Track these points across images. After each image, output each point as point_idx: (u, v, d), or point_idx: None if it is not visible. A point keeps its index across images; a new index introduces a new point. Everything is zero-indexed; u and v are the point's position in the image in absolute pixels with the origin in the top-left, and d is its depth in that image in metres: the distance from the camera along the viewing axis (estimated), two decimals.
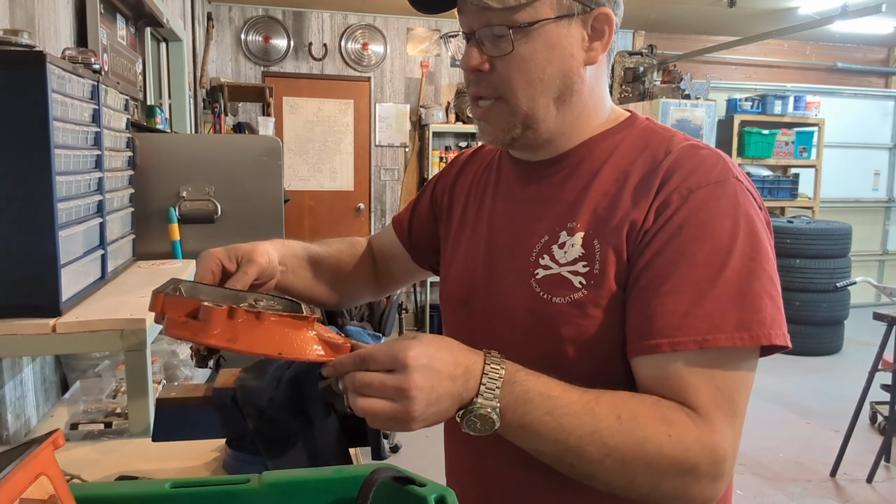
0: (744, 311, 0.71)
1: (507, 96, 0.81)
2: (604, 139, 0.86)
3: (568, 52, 0.80)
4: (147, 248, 1.88)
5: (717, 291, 0.72)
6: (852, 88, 7.08)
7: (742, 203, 0.76)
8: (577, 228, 0.82)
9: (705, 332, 0.71)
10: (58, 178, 1.14)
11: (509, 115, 0.82)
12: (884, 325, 3.37)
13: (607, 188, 0.82)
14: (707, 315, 0.71)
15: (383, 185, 6.11)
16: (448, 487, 0.66)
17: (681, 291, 0.72)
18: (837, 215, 6.65)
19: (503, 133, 0.84)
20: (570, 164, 0.86)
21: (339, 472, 0.72)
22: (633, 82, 5.96)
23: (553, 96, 0.81)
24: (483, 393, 0.67)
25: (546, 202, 0.87)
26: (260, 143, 2.09)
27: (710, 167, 0.77)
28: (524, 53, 0.78)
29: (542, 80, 0.80)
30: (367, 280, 1.15)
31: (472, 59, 0.81)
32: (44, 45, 1.64)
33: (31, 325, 1.13)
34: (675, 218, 0.75)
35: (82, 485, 0.80)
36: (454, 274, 0.98)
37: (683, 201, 0.75)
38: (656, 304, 0.73)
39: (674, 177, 0.77)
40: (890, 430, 3.39)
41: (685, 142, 0.82)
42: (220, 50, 5.56)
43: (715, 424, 0.70)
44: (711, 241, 0.73)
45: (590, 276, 0.79)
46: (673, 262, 0.74)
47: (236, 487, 0.70)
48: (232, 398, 0.97)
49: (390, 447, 3.55)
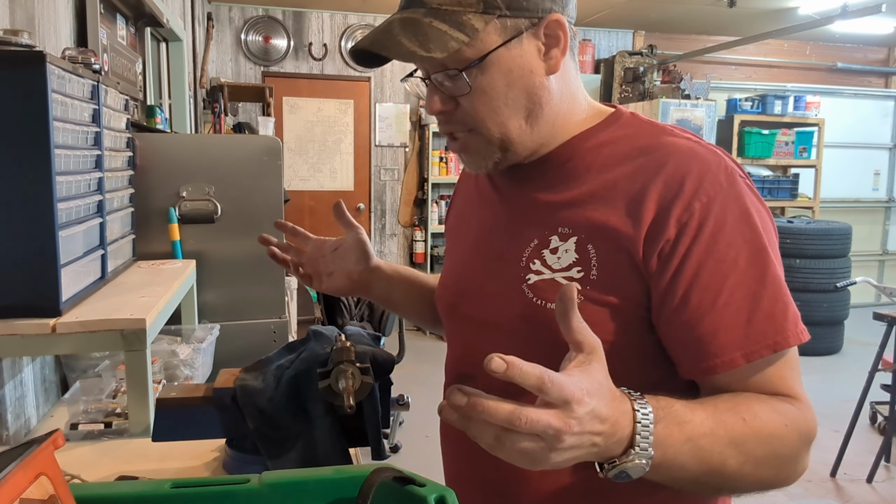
0: (792, 304, 0.74)
1: (479, 128, 0.80)
2: (587, 138, 0.84)
3: (527, 70, 0.78)
4: (147, 248, 1.88)
5: (769, 291, 0.73)
6: (852, 88, 7.08)
7: (752, 198, 0.76)
8: (569, 233, 0.80)
9: (773, 335, 0.72)
10: (58, 178, 1.14)
11: (485, 144, 0.81)
12: (884, 325, 3.37)
13: (598, 191, 0.80)
14: (768, 317, 0.72)
15: (383, 185, 6.11)
16: (448, 487, 0.66)
17: (736, 301, 0.72)
18: (837, 215, 6.65)
19: (484, 160, 0.83)
20: (555, 165, 0.85)
21: (339, 472, 0.72)
22: (633, 82, 5.96)
23: (523, 116, 0.80)
24: (639, 443, 0.63)
25: (533, 206, 0.85)
26: (260, 143, 2.09)
27: (716, 169, 0.76)
28: (483, 86, 0.77)
29: (508, 104, 0.79)
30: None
31: (434, 105, 0.80)
32: (44, 45, 1.64)
33: (31, 325, 1.13)
34: (705, 228, 0.73)
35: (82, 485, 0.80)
36: (444, 279, 0.99)
37: (707, 210, 0.73)
38: (714, 319, 0.72)
39: (686, 184, 0.74)
40: (890, 430, 3.39)
41: (678, 140, 0.80)
42: (220, 50, 5.56)
43: (804, 402, 0.74)
44: (746, 245, 0.73)
45: (586, 282, 0.77)
46: (720, 274, 0.73)
47: (236, 487, 0.70)
48: (232, 398, 0.97)
49: (390, 447, 3.55)
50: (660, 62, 6.11)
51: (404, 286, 1.12)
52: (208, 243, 2.02)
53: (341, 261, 1.09)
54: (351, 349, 0.92)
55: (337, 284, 1.09)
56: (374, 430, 0.96)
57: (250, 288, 2.08)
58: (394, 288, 1.10)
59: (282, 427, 0.96)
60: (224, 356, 1.86)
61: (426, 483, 0.67)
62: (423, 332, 5.80)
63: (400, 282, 1.11)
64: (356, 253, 1.08)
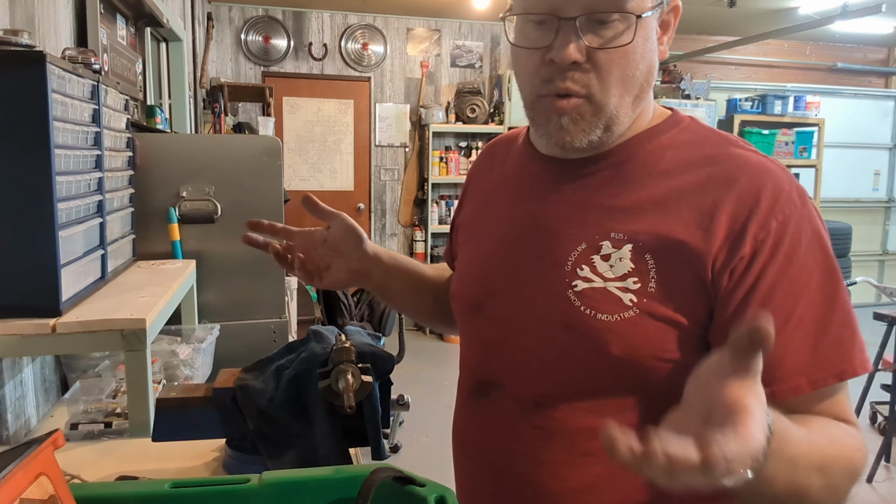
0: (857, 333, 0.71)
1: (598, 94, 0.73)
2: (648, 139, 0.79)
3: (655, 46, 0.75)
4: (147, 248, 1.88)
5: (837, 317, 0.70)
6: (852, 88, 7.08)
7: (820, 221, 0.74)
8: (624, 240, 0.74)
9: (840, 363, 0.69)
10: (58, 178, 1.14)
11: (592, 116, 0.74)
12: (884, 325, 3.37)
13: (660, 199, 0.74)
14: (835, 343, 0.70)
15: (383, 185, 6.10)
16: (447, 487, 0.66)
17: (805, 325, 0.69)
18: (837, 215, 6.66)
19: (583, 134, 0.75)
20: (611, 164, 0.79)
21: (339, 472, 0.72)
22: None
23: (635, 94, 0.75)
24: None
25: (582, 206, 0.79)
26: (260, 143, 2.09)
27: (789, 188, 0.72)
28: (631, 47, 0.72)
29: (635, 76, 0.74)
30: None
31: (570, 52, 0.71)
32: (44, 45, 1.64)
33: (31, 325, 1.13)
34: (781, 247, 0.70)
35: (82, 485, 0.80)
36: (464, 275, 0.92)
37: (783, 229, 0.70)
38: (783, 342, 0.68)
39: (762, 200, 0.71)
40: (890, 430, 3.39)
41: (745, 153, 0.75)
42: (220, 50, 5.56)
43: (860, 430, 0.71)
44: (818, 267, 0.71)
45: (642, 294, 0.72)
46: (793, 296, 0.69)
47: (236, 487, 0.70)
48: (232, 398, 0.97)
49: (390, 447, 3.55)
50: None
51: (401, 276, 1.03)
52: (208, 243, 2.02)
53: (335, 252, 0.97)
54: (351, 349, 0.92)
55: (335, 277, 0.98)
56: (374, 430, 0.96)
57: (250, 288, 2.08)
58: (391, 278, 1.01)
59: (282, 427, 0.96)
60: (224, 356, 1.86)
61: (426, 483, 0.67)
62: (423, 331, 5.80)
63: (397, 271, 1.02)
64: (348, 240, 0.96)
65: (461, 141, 6.09)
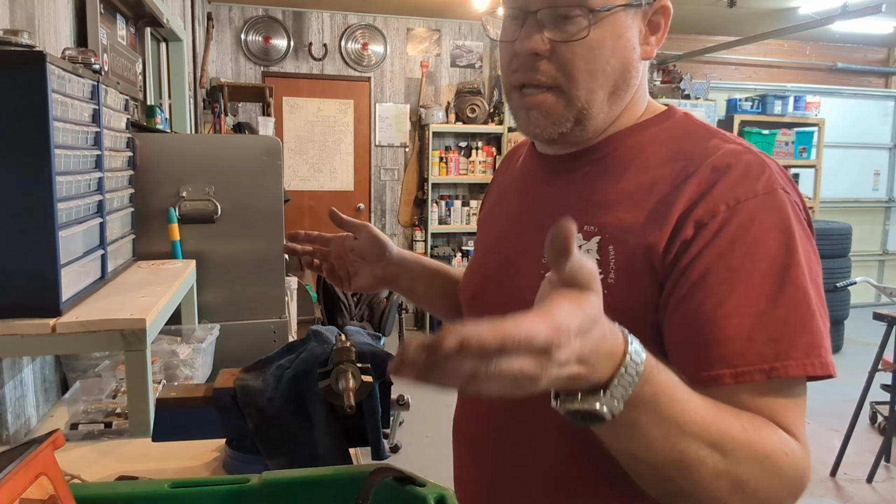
0: (811, 335, 0.66)
1: (566, 86, 0.75)
2: (631, 134, 0.80)
3: (631, 44, 0.76)
4: (147, 248, 1.88)
5: (779, 312, 0.66)
6: (852, 88, 7.09)
7: (791, 216, 0.69)
8: (594, 232, 0.76)
9: (773, 360, 0.64)
10: (58, 178, 1.14)
11: (563, 108, 0.76)
12: (884, 325, 3.37)
13: (631, 191, 0.76)
14: (771, 340, 0.65)
15: (383, 185, 6.11)
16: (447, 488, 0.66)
17: (740, 314, 0.66)
18: (837, 215, 6.65)
19: (553, 127, 0.77)
20: (594, 159, 0.81)
21: (339, 472, 0.72)
22: None
23: (609, 90, 0.76)
24: (613, 389, 0.53)
25: (564, 200, 0.82)
26: (260, 143, 2.09)
27: (755, 176, 0.71)
28: (595, 39, 0.73)
29: (605, 71, 0.75)
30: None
31: (533, 42, 0.74)
32: (44, 45, 1.64)
33: (31, 325, 1.13)
34: (724, 232, 0.68)
35: (82, 485, 0.80)
36: (470, 269, 0.96)
37: (732, 214, 0.68)
38: (713, 329, 0.66)
39: (717, 185, 0.70)
40: (890, 430, 3.39)
41: (725, 144, 0.75)
42: (220, 50, 5.56)
43: (805, 445, 0.65)
44: (767, 259, 0.67)
45: (603, 285, 0.72)
46: (728, 282, 0.67)
47: (236, 487, 0.70)
48: (232, 398, 0.97)
49: (390, 447, 3.55)
50: (659, 62, 6.11)
51: (427, 280, 1.09)
52: (208, 243, 2.02)
53: (362, 260, 1.06)
54: (351, 349, 0.92)
55: (362, 283, 1.06)
56: (374, 430, 0.96)
57: (250, 288, 2.08)
58: (417, 281, 1.08)
59: (282, 427, 0.96)
60: (224, 356, 1.86)
61: (426, 483, 0.67)
62: (423, 331, 5.80)
63: (423, 274, 1.09)
64: (373, 250, 1.05)
65: (461, 141, 6.09)
